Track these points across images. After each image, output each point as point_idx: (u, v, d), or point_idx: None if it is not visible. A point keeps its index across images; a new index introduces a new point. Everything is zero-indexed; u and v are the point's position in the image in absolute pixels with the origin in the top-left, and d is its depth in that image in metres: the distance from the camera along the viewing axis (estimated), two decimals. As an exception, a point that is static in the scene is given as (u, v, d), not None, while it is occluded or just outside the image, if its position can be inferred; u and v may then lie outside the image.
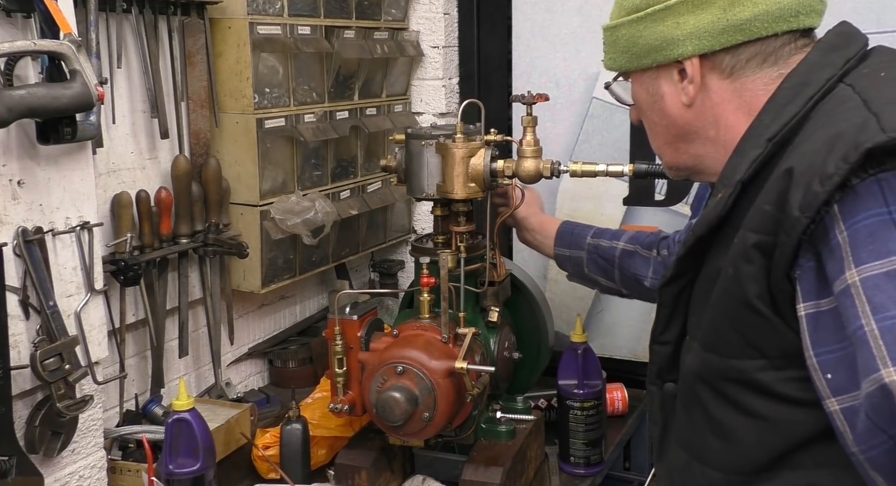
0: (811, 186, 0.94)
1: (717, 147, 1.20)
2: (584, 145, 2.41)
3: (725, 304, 1.07)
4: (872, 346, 0.88)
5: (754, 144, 1.09)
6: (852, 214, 0.93)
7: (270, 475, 1.85)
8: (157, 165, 1.97)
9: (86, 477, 1.66)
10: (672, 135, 1.24)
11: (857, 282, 0.91)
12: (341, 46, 2.25)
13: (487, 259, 1.83)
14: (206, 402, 2.07)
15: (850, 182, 0.92)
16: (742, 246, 1.03)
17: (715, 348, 1.10)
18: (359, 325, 1.74)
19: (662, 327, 1.23)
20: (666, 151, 1.28)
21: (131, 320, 1.93)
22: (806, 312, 0.98)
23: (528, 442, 1.84)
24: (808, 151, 0.99)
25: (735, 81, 1.16)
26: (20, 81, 1.47)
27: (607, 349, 2.43)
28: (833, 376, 0.95)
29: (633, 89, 1.28)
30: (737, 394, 1.08)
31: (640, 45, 1.20)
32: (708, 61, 1.16)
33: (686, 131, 1.22)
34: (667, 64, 1.19)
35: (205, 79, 2.00)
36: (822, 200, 0.93)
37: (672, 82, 1.20)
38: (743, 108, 1.16)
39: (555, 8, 2.41)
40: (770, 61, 1.14)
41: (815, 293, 0.97)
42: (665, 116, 1.23)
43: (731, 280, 1.05)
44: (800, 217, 0.95)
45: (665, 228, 2.33)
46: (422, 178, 1.79)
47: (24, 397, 1.53)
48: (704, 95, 1.18)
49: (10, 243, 1.46)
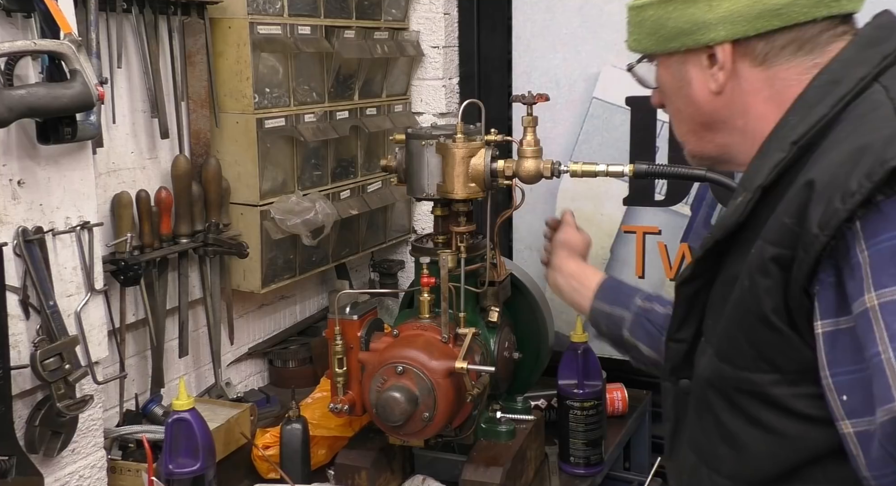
0: (832, 202, 0.89)
1: (744, 137, 1.14)
2: (584, 145, 2.40)
3: (740, 315, 1.04)
4: (888, 375, 0.85)
5: (778, 146, 1.04)
6: (875, 233, 0.88)
7: (270, 475, 1.85)
8: (158, 165, 1.97)
9: (86, 477, 1.66)
10: (697, 123, 1.19)
11: (875, 306, 0.87)
12: (341, 46, 2.25)
13: (487, 259, 1.83)
14: (206, 402, 2.07)
15: (875, 199, 0.87)
16: (759, 258, 0.99)
17: (728, 359, 1.07)
18: (359, 325, 1.74)
19: (678, 325, 1.20)
20: (690, 140, 1.22)
21: (131, 320, 1.93)
22: (823, 330, 0.94)
23: (528, 442, 1.84)
24: (831, 162, 0.94)
25: (768, 70, 1.10)
26: (20, 80, 1.47)
27: (607, 349, 2.40)
28: (849, 398, 0.92)
29: (657, 73, 1.22)
30: (749, 406, 1.05)
31: (669, 28, 1.14)
32: (740, 47, 1.10)
33: (713, 120, 1.16)
34: (696, 48, 1.12)
35: (205, 79, 2.00)
36: (842, 218, 0.89)
37: (701, 68, 1.14)
38: (774, 98, 1.10)
39: (555, 8, 2.41)
40: (806, 49, 1.08)
41: (833, 311, 0.93)
42: (691, 102, 1.17)
43: (747, 292, 1.01)
44: (819, 234, 0.90)
45: (665, 229, 2.34)
46: (422, 178, 1.79)
47: (24, 397, 1.53)
48: (734, 82, 1.12)
49: (10, 242, 1.46)
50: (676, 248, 2.32)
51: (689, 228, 2.31)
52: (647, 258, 2.37)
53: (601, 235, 2.41)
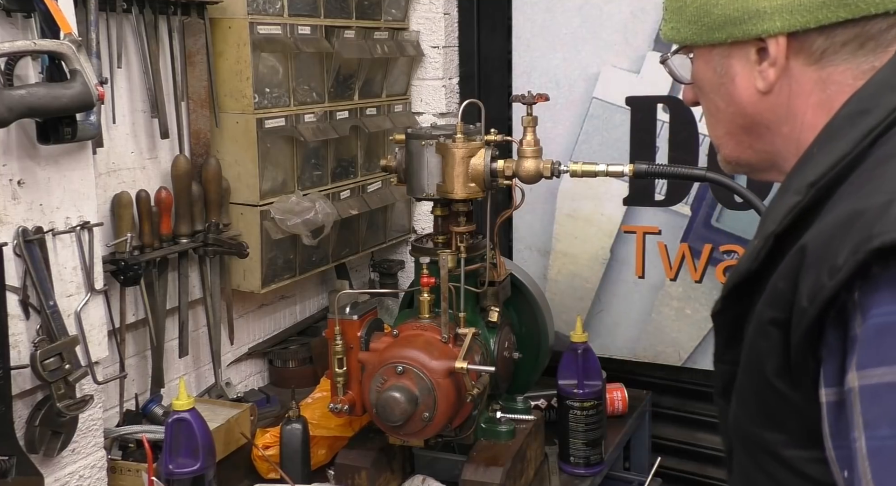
0: (820, 276, 0.81)
1: (787, 146, 1.01)
2: (584, 145, 2.40)
3: (748, 374, 0.94)
4: (859, 466, 0.78)
5: (797, 185, 0.90)
6: (868, 306, 0.78)
7: (270, 475, 1.85)
8: (157, 165, 1.97)
9: (86, 477, 1.66)
10: (737, 125, 1.05)
11: (855, 388, 0.78)
12: (341, 46, 2.25)
13: (487, 259, 1.83)
14: (206, 402, 2.07)
15: (871, 271, 0.78)
16: (759, 321, 0.90)
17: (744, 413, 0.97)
18: (359, 325, 1.74)
19: (721, 349, 1.07)
20: (726, 143, 1.08)
21: (131, 320, 1.93)
22: (827, 399, 0.83)
23: (528, 442, 1.84)
24: (826, 225, 0.83)
25: (822, 70, 0.96)
26: (20, 80, 1.47)
27: (607, 349, 2.43)
28: (850, 475, 0.81)
29: (695, 66, 1.07)
30: (766, 463, 0.95)
31: (715, 16, 1.00)
32: (796, 41, 0.95)
33: (755, 123, 1.03)
34: (745, 41, 0.98)
35: (205, 79, 2.00)
36: (828, 296, 0.80)
37: (747, 63, 1.00)
38: (824, 104, 0.96)
39: (555, 8, 2.41)
40: (868, 48, 0.94)
41: (836, 379, 0.83)
42: (733, 102, 1.03)
43: (752, 352, 0.92)
44: (807, 308, 0.82)
45: (665, 229, 2.34)
46: (422, 178, 1.79)
47: (24, 397, 1.53)
48: (785, 82, 0.98)
49: (10, 242, 1.46)
50: (676, 248, 2.32)
51: (689, 228, 2.31)
52: (647, 258, 2.37)
53: (601, 235, 2.41)
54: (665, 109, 2.29)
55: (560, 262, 2.48)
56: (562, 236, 2.47)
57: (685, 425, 2.48)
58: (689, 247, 2.31)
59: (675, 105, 2.27)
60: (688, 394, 2.48)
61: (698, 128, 2.25)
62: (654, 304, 2.38)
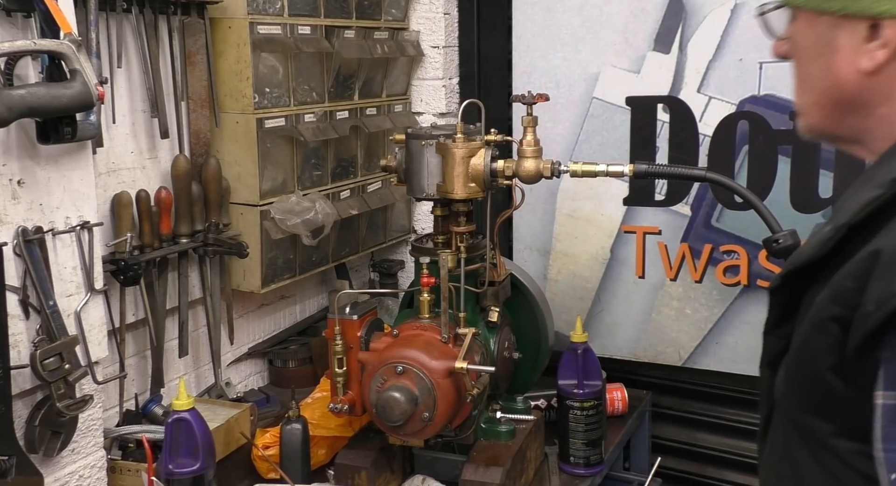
0: (892, 284, 0.80)
1: (881, 125, 0.96)
2: (584, 145, 2.40)
3: (800, 363, 0.94)
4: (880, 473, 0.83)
5: (880, 181, 0.89)
6: None
7: (270, 475, 1.85)
8: (157, 165, 1.97)
9: (86, 477, 1.66)
10: (830, 98, 0.99)
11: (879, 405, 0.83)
12: (341, 46, 2.25)
13: (487, 259, 1.83)
14: (206, 402, 2.07)
15: None
16: (819, 315, 0.89)
17: (793, 397, 0.97)
18: (359, 325, 1.74)
19: (774, 323, 1.06)
20: (812, 112, 1.03)
21: (131, 320, 1.93)
22: (885, 401, 0.84)
23: (527, 442, 1.84)
24: None
25: None
26: (20, 80, 1.47)
27: (607, 349, 2.43)
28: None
29: (795, 26, 1.01)
30: (817, 451, 0.94)
31: None
32: None
33: (851, 100, 0.97)
34: (858, 16, 0.93)
35: (205, 79, 2.00)
36: None
37: (855, 39, 0.94)
38: None
39: (555, 8, 2.41)
40: None
41: None
42: (830, 74, 0.97)
43: (805, 344, 0.92)
44: (873, 312, 0.82)
45: (665, 229, 2.34)
46: (422, 178, 1.79)
47: (24, 397, 1.53)
48: (893, 66, 0.93)
49: (10, 242, 1.46)
50: (676, 248, 2.32)
51: (689, 228, 2.31)
52: (648, 258, 2.37)
53: (601, 235, 2.41)
54: (665, 109, 2.30)
55: (560, 262, 2.48)
56: (562, 236, 2.47)
57: (685, 425, 2.49)
58: (690, 247, 2.31)
59: (675, 105, 2.27)
60: (688, 394, 2.48)
61: (698, 128, 2.25)
62: (654, 304, 2.38)
